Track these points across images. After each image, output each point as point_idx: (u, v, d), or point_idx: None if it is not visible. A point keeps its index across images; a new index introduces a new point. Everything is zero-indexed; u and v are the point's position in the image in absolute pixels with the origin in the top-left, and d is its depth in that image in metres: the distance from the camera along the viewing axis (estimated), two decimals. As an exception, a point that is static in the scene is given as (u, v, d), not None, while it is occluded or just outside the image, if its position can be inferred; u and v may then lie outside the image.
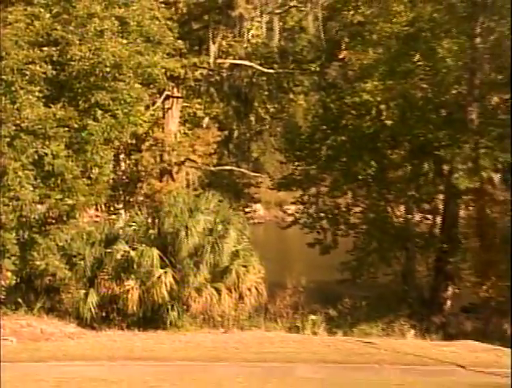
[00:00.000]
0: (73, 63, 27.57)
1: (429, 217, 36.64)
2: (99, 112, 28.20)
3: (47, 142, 26.96)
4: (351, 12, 35.62)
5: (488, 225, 32.85)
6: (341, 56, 36.99)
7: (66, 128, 27.44)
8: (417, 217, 36.74)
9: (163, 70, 30.96)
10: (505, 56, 31.25)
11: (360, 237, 36.04)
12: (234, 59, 39.19)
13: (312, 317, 30.01)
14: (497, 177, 34.35)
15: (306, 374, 22.23)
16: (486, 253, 32.68)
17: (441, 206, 35.77)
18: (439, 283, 34.18)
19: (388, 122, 33.81)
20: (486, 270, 32.59)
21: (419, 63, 33.12)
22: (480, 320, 31.94)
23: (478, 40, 32.05)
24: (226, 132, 39.97)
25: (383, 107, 33.76)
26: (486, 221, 32.89)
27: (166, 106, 36.48)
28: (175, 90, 36.30)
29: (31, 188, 26.58)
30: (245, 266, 28.86)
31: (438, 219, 35.91)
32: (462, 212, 35.16)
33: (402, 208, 36.69)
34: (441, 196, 35.64)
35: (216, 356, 23.69)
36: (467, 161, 31.83)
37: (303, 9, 39.01)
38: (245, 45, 39.52)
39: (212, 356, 23.60)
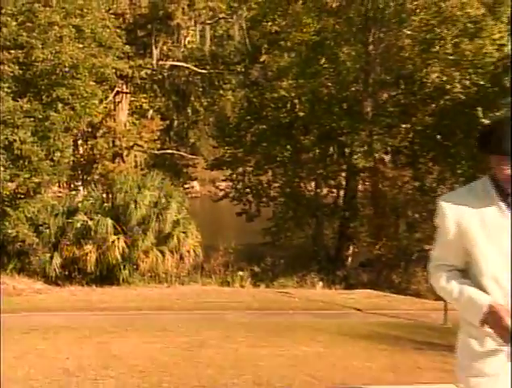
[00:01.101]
0: (36, 64, 27.62)
1: (334, 190, 36.84)
2: (60, 105, 28.24)
3: (15, 130, 26.95)
4: (269, 23, 35.26)
5: (380, 197, 33.51)
6: (261, 60, 36.86)
7: (32, 119, 27.46)
8: (325, 190, 36.80)
9: (114, 70, 31.09)
10: (392, 60, 31.88)
11: (278, 207, 36.12)
12: (173, 61, 38.93)
13: (240, 273, 30.30)
14: (387, 158, 34.91)
15: (235, 319, 22.20)
16: (378, 219, 33.33)
17: (343, 182, 35.92)
18: (342, 243, 34.45)
19: (301, 113, 33.91)
20: (378, 232, 33.23)
21: (325, 66, 33.31)
22: (373, 273, 32.26)
23: (371, 47, 32.46)
24: (167, 122, 39.85)
25: (296, 101, 33.83)
26: (378, 193, 33.55)
27: (117, 100, 36.34)
28: (124, 86, 36.18)
29: (3, 169, 26.83)
30: (184, 232, 28.98)
31: (341, 192, 36.19)
32: (360, 187, 35.54)
33: (312, 183, 36.69)
34: (343, 174, 35.76)
35: (161, 306, 23.89)
36: (363, 145, 32.29)
37: (230, 20, 38.96)
38: (182, 50, 39.39)
39: (158, 307, 23.79)
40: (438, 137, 29.77)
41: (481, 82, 29.13)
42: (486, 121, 26.89)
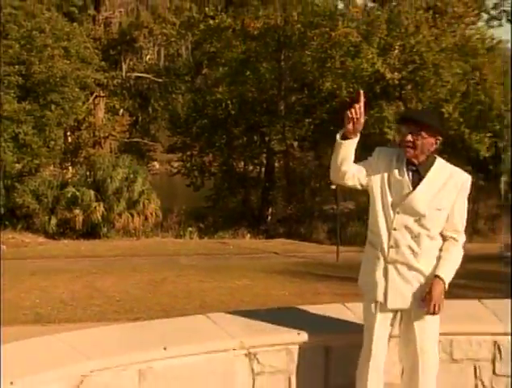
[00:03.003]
0: (35, 75, 27.52)
1: (257, 167, 36.74)
2: (53, 106, 28.19)
3: (20, 125, 26.87)
4: (208, 45, 35.01)
5: (290, 172, 33.69)
6: (203, 72, 37.02)
7: (32, 116, 27.37)
8: (251, 167, 36.82)
9: (93, 80, 30.85)
10: (298, 72, 31.81)
11: (217, 180, 35.91)
12: (137, 73, 38.59)
13: (190, 228, 30.09)
14: (295, 143, 35.00)
15: (186, 262, 22.20)
16: (290, 188, 33.53)
17: (264, 161, 35.79)
18: (264, 206, 34.31)
19: (232, 111, 33.78)
20: (290, 197, 33.40)
21: (249, 76, 33.15)
22: (286, 226, 32.15)
23: (282, 63, 32.45)
24: (134, 118, 39.24)
25: (229, 102, 33.66)
26: (290, 169, 33.69)
27: (96, 102, 35.74)
28: (101, 92, 35.57)
29: (11, 154, 26.64)
30: (148, 199, 28.85)
31: (263, 169, 36.03)
32: (276, 164, 35.45)
33: (242, 163, 36.61)
34: (264, 155, 35.57)
35: (132, 253, 23.81)
36: (278, 134, 32.36)
37: (179, 43, 38.73)
38: (143, 64, 39.12)
39: (129, 254, 23.69)
40: (332, 128, 30.02)
41: (360, 89, 29.52)
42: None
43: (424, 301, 3.88)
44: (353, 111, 3.85)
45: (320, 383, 4.18)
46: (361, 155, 4.12)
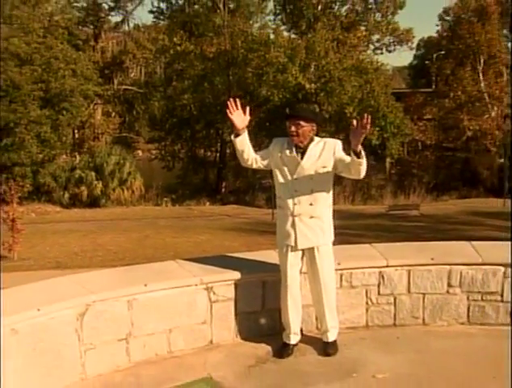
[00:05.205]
0: (51, 90, 27.15)
1: (214, 153, 36.23)
2: (65, 112, 27.71)
3: (41, 126, 26.40)
4: (177, 64, 34.74)
5: None
6: (173, 84, 36.14)
7: (49, 120, 26.94)
8: (209, 153, 36.35)
9: (93, 92, 30.34)
10: (242, 84, 31.32)
11: (185, 163, 35.26)
12: (125, 86, 37.95)
13: (165, 199, 29.70)
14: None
15: (163, 223, 22.11)
16: (238, 167, 31.40)
17: (219, 148, 35.29)
18: (219, 181, 33.71)
19: (195, 112, 33.28)
20: (238, 175, 32.96)
21: (207, 87, 32.50)
22: (236, 196, 31.73)
23: (231, 77, 32.08)
24: (123, 119, 38.48)
25: (192, 106, 33.26)
26: None
27: (95, 108, 35.22)
28: (99, 100, 34.99)
29: (36, 147, 26.27)
30: (134, 178, 28.50)
31: (218, 154, 35.57)
32: (227, 151, 34.52)
33: (202, 150, 36.14)
34: (219, 144, 35.12)
35: (123, 218, 23.56)
36: (229, 128, 30.37)
37: (155, 63, 38.57)
38: (129, 79, 38.69)
39: (122, 218, 23.47)
40: (267, 124, 30.05)
41: (287, 96, 29.53)
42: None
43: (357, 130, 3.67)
44: (228, 111, 3.87)
45: (258, 307, 4.22)
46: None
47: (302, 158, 3.89)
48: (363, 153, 3.72)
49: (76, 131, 34.65)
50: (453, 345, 4.10)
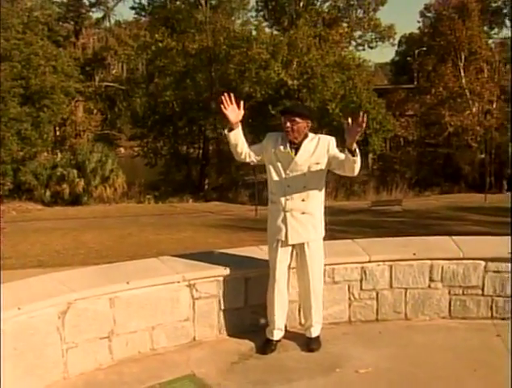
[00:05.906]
0: (32, 87, 27.06)
1: (197, 150, 36.09)
2: (45, 109, 27.71)
3: (22, 123, 26.35)
4: (158, 61, 33.91)
5: (221, 153, 32.54)
6: (155, 81, 35.57)
7: (30, 117, 26.87)
8: (192, 150, 36.20)
9: (74, 88, 30.23)
10: (225, 80, 31.00)
11: (167, 160, 35.03)
12: (107, 82, 37.69)
13: (148, 196, 29.69)
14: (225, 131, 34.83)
15: (146, 220, 22.10)
16: (221, 164, 32.84)
17: (202, 145, 35.26)
18: (202, 178, 33.87)
19: (177, 109, 33.11)
20: (221, 172, 32.95)
21: (189, 83, 32.33)
22: (219, 193, 31.59)
23: (213, 74, 32.03)
24: (104, 116, 38.16)
25: (174, 103, 33.02)
26: (220, 151, 32.69)
27: (76, 105, 34.99)
28: (80, 97, 34.69)
29: (16, 144, 26.25)
30: (116, 175, 28.41)
31: (201, 151, 35.51)
32: (210, 147, 35.00)
33: (185, 147, 35.93)
34: (201, 141, 35.07)
35: (105, 215, 23.46)
36: (211, 125, 31.76)
37: (136, 60, 38.00)
38: (111, 76, 38.44)
39: (104, 216, 23.37)
40: (250, 120, 29.99)
41: (270, 92, 29.62)
42: (273, 111, 27.65)
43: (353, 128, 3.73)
44: (222, 106, 3.87)
45: (241, 303, 4.21)
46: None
47: (296, 154, 3.91)
48: (357, 151, 3.75)
49: (57, 128, 34.40)
50: (435, 339, 4.13)
